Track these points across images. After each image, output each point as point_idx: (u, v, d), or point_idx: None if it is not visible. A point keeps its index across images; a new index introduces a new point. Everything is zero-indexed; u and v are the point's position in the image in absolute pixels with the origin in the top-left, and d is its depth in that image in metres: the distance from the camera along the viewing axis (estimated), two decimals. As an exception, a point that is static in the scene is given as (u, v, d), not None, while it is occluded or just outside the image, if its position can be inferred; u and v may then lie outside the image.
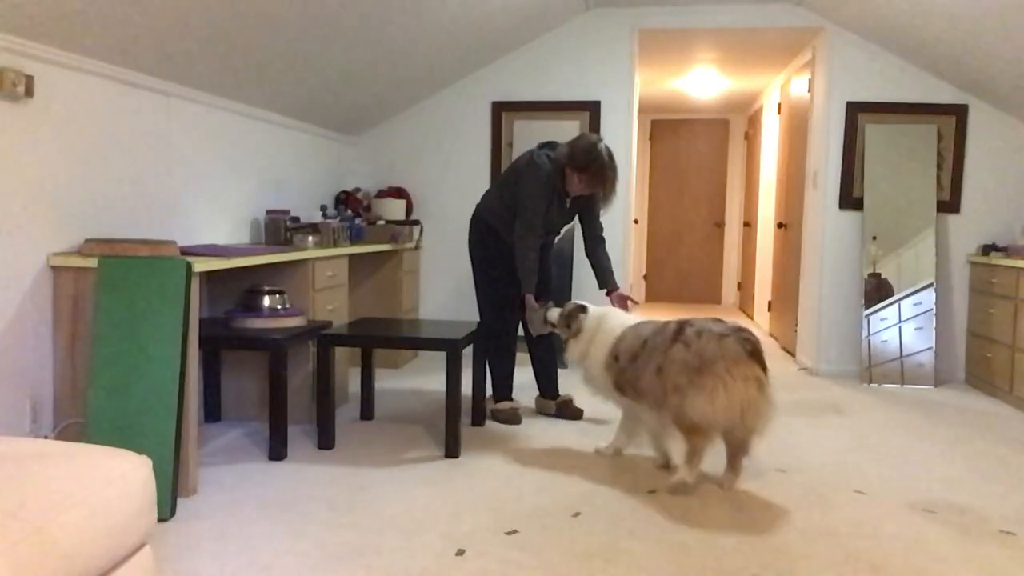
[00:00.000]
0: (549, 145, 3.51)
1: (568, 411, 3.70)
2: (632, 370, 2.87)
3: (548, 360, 3.76)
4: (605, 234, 3.66)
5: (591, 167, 3.32)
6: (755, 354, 2.61)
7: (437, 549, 2.23)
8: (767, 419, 2.61)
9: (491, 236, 3.58)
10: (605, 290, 3.58)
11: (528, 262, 3.40)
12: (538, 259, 3.46)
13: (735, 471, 2.80)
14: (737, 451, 2.78)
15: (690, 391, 2.59)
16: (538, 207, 3.39)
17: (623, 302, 3.52)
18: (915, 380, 4.63)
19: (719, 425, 2.61)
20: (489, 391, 3.78)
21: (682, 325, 2.76)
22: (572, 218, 3.67)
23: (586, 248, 3.65)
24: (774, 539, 2.34)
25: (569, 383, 4.52)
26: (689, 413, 2.61)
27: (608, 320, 3.10)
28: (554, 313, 3.30)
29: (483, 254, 3.62)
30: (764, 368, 2.62)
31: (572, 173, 3.37)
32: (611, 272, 3.59)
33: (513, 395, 3.74)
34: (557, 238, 3.74)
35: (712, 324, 2.71)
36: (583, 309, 3.19)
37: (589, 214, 3.61)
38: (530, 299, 3.44)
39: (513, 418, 3.60)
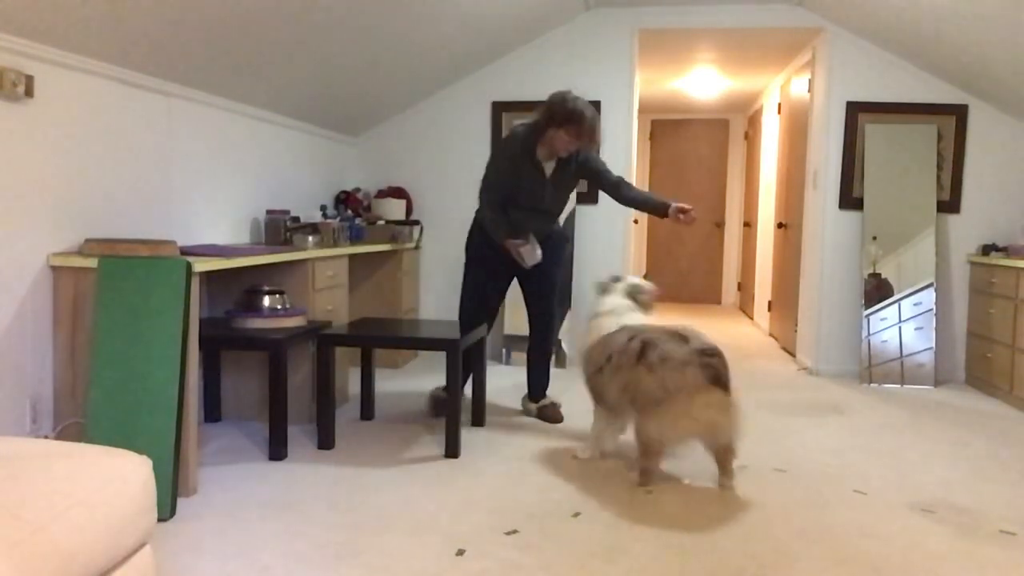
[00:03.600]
0: (524, 124, 3.45)
1: (547, 415, 3.67)
2: (597, 380, 2.97)
3: (540, 363, 3.74)
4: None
5: (573, 116, 3.23)
6: (717, 380, 2.63)
7: (437, 549, 2.23)
8: (735, 432, 2.70)
9: (485, 235, 3.56)
10: (667, 212, 3.35)
11: (491, 216, 3.39)
12: (499, 216, 3.40)
13: (727, 474, 2.81)
14: (722, 457, 2.80)
15: (654, 415, 2.67)
16: (500, 167, 3.37)
17: (684, 212, 3.31)
18: (915, 380, 4.63)
19: (676, 445, 2.74)
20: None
21: (645, 346, 2.75)
22: (567, 193, 3.56)
23: (617, 198, 3.48)
24: (774, 539, 2.35)
25: (560, 385, 4.53)
26: (650, 432, 2.71)
27: (601, 318, 3.12)
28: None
29: (473, 252, 3.61)
30: (727, 389, 2.65)
31: (557, 130, 3.27)
32: (653, 198, 3.42)
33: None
34: (555, 225, 3.68)
35: (676, 347, 2.68)
36: (616, 280, 3.27)
37: (595, 175, 3.48)
38: (508, 243, 3.40)
39: (437, 408, 3.63)
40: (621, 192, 3.46)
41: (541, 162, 3.39)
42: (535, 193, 3.43)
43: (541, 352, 3.72)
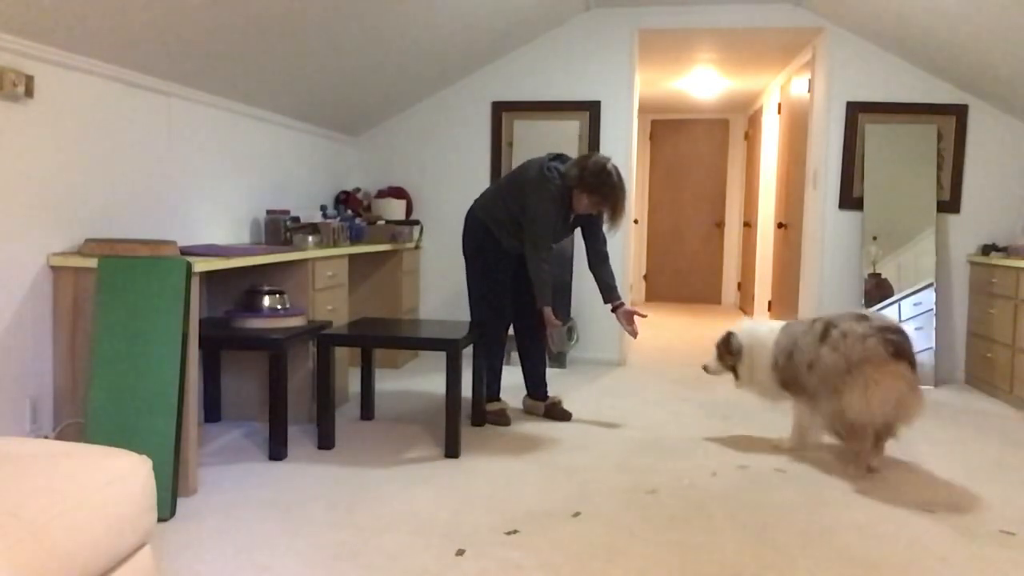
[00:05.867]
0: (559, 158, 3.48)
1: (556, 413, 3.68)
2: (789, 368, 3.07)
3: (537, 361, 3.74)
4: (609, 237, 3.63)
5: (601, 190, 3.32)
6: (900, 353, 2.77)
7: (437, 549, 2.23)
8: (918, 413, 2.81)
9: (486, 236, 3.56)
10: (610, 306, 3.58)
11: (543, 275, 3.38)
12: (551, 271, 3.45)
13: (880, 451, 2.97)
14: (884, 436, 2.95)
15: (845, 392, 2.81)
16: (549, 224, 3.38)
17: (630, 317, 3.53)
18: (915, 380, 4.62)
19: (875, 420, 2.81)
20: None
21: (828, 326, 2.95)
22: (573, 231, 3.67)
23: (589, 263, 3.62)
24: (774, 539, 2.34)
25: (560, 385, 4.53)
26: (847, 413, 2.82)
27: (758, 329, 3.26)
28: (714, 364, 3.36)
29: (476, 253, 3.59)
30: (912, 364, 2.80)
31: (581, 194, 3.36)
32: (615, 288, 3.59)
33: (501, 395, 3.73)
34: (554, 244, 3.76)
35: (856, 324, 2.87)
36: (731, 333, 3.32)
37: (592, 227, 3.58)
38: (548, 313, 3.43)
39: (501, 419, 3.58)
40: (597, 261, 3.60)
41: (571, 213, 3.50)
42: (559, 235, 3.54)
43: (537, 349, 3.72)
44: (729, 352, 3.30)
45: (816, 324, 3.03)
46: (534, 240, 3.38)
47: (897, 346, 2.77)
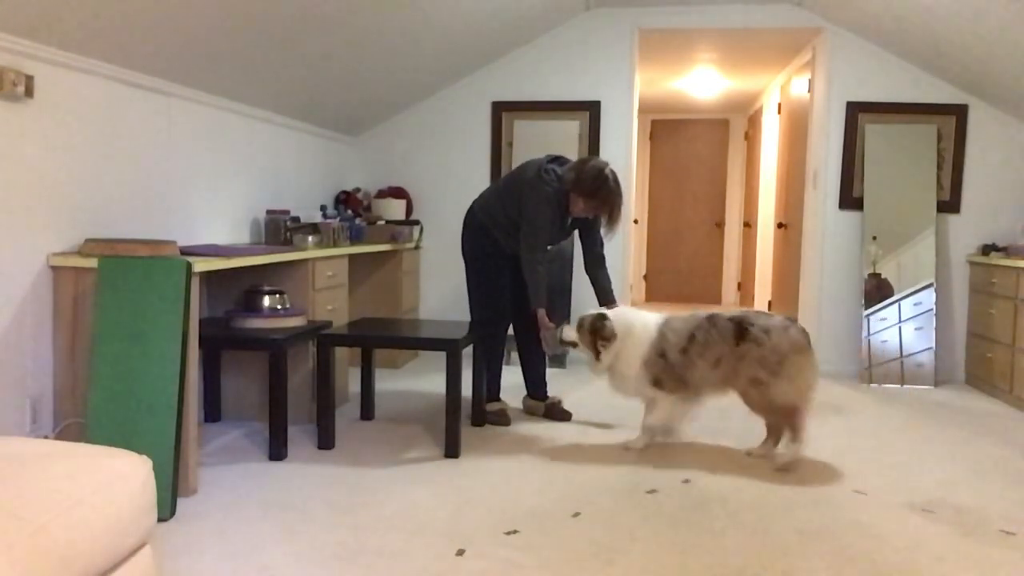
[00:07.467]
0: (557, 160, 3.48)
1: (557, 413, 3.69)
2: (682, 363, 3.08)
3: (537, 361, 3.74)
4: (606, 240, 3.63)
5: (598, 194, 3.31)
6: (810, 342, 3.03)
7: (437, 549, 2.23)
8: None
9: (486, 236, 3.56)
10: (605, 308, 3.57)
11: (537, 276, 3.37)
12: (547, 273, 3.44)
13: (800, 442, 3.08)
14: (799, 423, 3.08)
15: (773, 381, 2.96)
16: (545, 226, 3.38)
17: None
18: (915, 380, 4.63)
19: (802, 403, 3.00)
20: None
21: (742, 324, 3.02)
22: (571, 233, 3.67)
23: (586, 265, 3.61)
24: (774, 539, 2.34)
25: (560, 385, 4.53)
26: (778, 399, 2.97)
27: (636, 320, 3.22)
28: (570, 332, 3.32)
29: (476, 254, 3.60)
30: None
31: (577, 198, 3.35)
32: (611, 292, 3.58)
33: (501, 395, 3.73)
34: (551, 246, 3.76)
35: (768, 319, 3.03)
36: (605, 316, 3.24)
37: (589, 230, 3.57)
38: (543, 316, 3.42)
39: (502, 419, 3.58)
40: (594, 264, 3.59)
41: (568, 215, 3.49)
42: (555, 237, 3.54)
43: (537, 349, 3.71)
44: (603, 337, 3.16)
45: (717, 319, 3.06)
46: (529, 242, 3.38)
47: (808, 336, 3.04)
